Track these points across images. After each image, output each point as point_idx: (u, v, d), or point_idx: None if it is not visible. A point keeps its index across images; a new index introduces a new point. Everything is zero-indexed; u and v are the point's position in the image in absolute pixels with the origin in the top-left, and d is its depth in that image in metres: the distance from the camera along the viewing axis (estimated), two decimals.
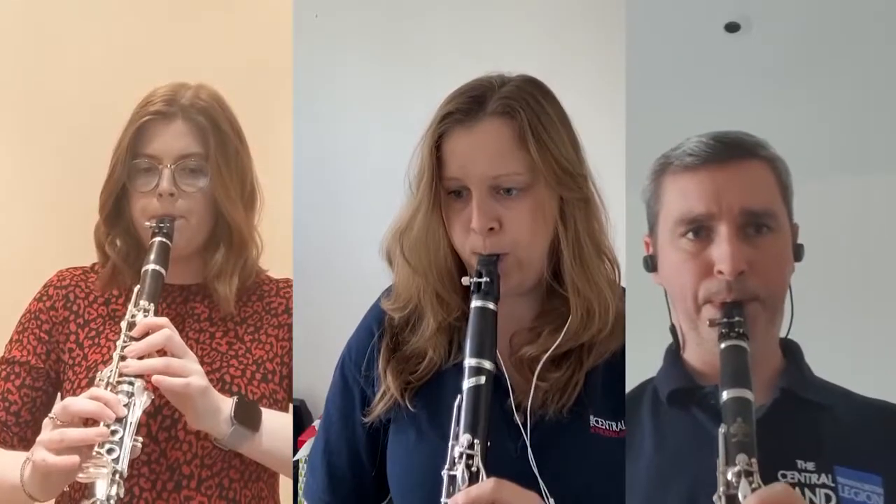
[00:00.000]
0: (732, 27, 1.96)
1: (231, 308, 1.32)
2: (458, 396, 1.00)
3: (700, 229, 1.12)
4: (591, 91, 1.88)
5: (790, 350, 1.18)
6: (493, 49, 2.24)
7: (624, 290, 1.19)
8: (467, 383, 1.00)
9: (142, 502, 1.23)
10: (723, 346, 1.07)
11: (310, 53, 2.35)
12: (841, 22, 1.89)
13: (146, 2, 1.79)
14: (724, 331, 1.08)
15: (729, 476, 0.97)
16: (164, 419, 1.25)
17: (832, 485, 1.05)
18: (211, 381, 1.22)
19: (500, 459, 1.01)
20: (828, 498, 1.04)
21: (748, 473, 0.96)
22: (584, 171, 1.13)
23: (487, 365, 1.01)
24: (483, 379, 1.00)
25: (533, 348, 1.13)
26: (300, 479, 1.97)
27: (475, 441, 0.97)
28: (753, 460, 0.97)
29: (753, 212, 1.11)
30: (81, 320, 1.33)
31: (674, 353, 1.20)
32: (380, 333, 1.20)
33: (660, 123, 1.39)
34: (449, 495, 0.96)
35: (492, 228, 1.08)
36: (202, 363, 1.22)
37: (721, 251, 1.09)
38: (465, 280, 1.09)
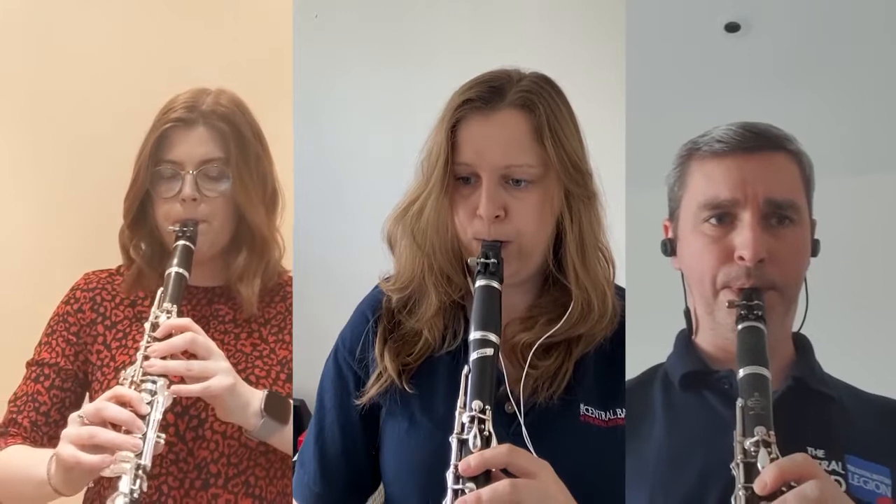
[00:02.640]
0: (732, 27, 1.96)
1: (254, 310, 1.34)
2: (465, 367, 1.01)
3: (724, 215, 1.14)
4: (591, 91, 1.87)
5: (801, 344, 1.19)
6: (493, 49, 2.24)
7: (619, 287, 1.19)
8: (475, 354, 1.01)
9: (170, 500, 1.26)
10: (741, 326, 1.08)
11: (310, 53, 2.35)
12: (841, 22, 1.89)
13: (146, 2, 1.79)
14: (742, 312, 1.09)
15: (747, 445, 0.97)
16: (191, 419, 1.28)
17: (842, 472, 1.06)
18: None
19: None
20: (838, 484, 1.04)
21: (766, 443, 0.96)
22: (590, 170, 1.15)
23: (493, 337, 1.02)
24: (490, 350, 1.01)
25: (528, 335, 1.14)
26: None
27: (486, 407, 0.98)
28: (771, 432, 0.97)
29: (777, 202, 1.13)
30: (109, 322, 1.35)
31: (686, 337, 1.21)
32: (375, 319, 1.21)
33: (660, 123, 1.40)
34: (459, 459, 0.96)
35: (498, 216, 1.10)
36: None
37: (743, 237, 1.11)
38: (471, 260, 1.10)
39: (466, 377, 1.00)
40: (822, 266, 1.18)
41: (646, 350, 1.22)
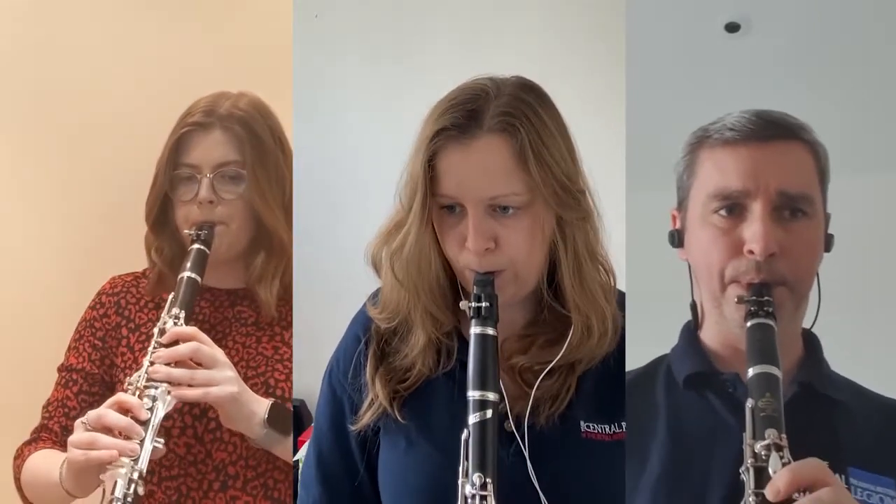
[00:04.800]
0: (732, 27, 1.96)
1: (273, 312, 1.36)
2: (465, 431, 0.98)
3: (734, 206, 1.10)
4: (591, 91, 1.87)
5: (810, 342, 1.16)
6: (493, 49, 2.23)
7: (620, 293, 1.17)
8: (472, 418, 0.98)
9: (189, 501, 1.28)
10: (750, 323, 1.05)
11: (310, 53, 2.35)
12: (841, 22, 1.89)
13: (145, 3, 1.79)
14: (752, 308, 1.06)
15: (757, 448, 0.94)
16: (209, 421, 1.29)
17: (846, 486, 1.03)
18: (255, 385, 1.27)
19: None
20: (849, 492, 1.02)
21: (778, 447, 0.94)
22: (582, 186, 1.09)
23: (492, 396, 0.99)
24: (489, 413, 0.98)
25: (525, 359, 1.11)
26: (300, 479, 1.96)
27: (487, 480, 0.95)
28: (783, 435, 0.95)
29: (790, 194, 1.09)
30: (133, 325, 1.37)
31: (691, 331, 1.18)
32: (366, 340, 1.18)
33: (660, 123, 1.39)
34: None
35: (488, 248, 1.05)
36: (248, 367, 1.29)
37: (753, 230, 1.07)
38: (463, 305, 1.06)
39: (466, 442, 0.97)
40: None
41: (646, 351, 1.20)
